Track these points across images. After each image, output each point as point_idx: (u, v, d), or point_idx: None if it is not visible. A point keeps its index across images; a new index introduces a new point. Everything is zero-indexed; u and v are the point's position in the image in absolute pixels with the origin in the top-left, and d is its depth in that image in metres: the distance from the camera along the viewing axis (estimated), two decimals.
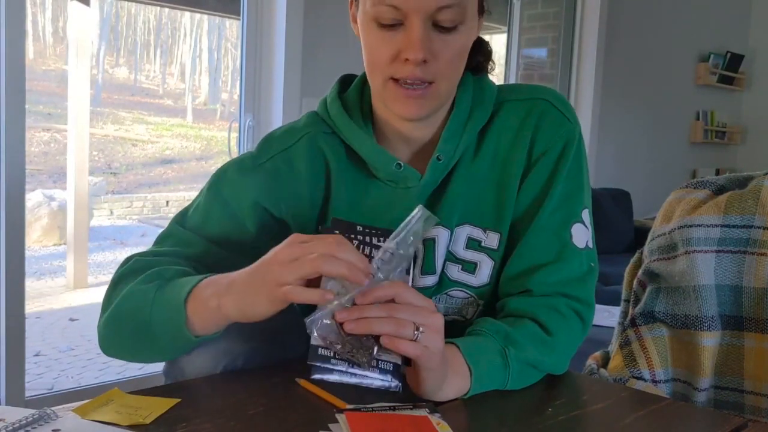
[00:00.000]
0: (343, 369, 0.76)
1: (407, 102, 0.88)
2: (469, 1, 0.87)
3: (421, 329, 0.73)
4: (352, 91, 1.01)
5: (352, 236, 0.79)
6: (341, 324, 0.73)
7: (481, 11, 0.93)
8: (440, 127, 0.97)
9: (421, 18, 0.84)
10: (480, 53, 0.99)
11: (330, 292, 0.73)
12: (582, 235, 0.95)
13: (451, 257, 0.96)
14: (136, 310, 0.83)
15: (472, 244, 0.96)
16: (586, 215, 0.96)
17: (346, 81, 1.03)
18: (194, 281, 0.81)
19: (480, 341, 0.85)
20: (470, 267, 0.96)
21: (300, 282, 0.73)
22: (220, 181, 0.96)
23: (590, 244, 0.96)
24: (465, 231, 0.96)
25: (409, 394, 0.78)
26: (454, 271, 0.96)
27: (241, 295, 0.76)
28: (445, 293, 0.97)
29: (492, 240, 0.96)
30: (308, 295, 0.73)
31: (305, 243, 0.74)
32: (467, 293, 0.97)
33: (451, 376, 0.79)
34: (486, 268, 0.96)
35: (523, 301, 0.92)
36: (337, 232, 0.78)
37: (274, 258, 0.75)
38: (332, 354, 0.76)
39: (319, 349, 0.76)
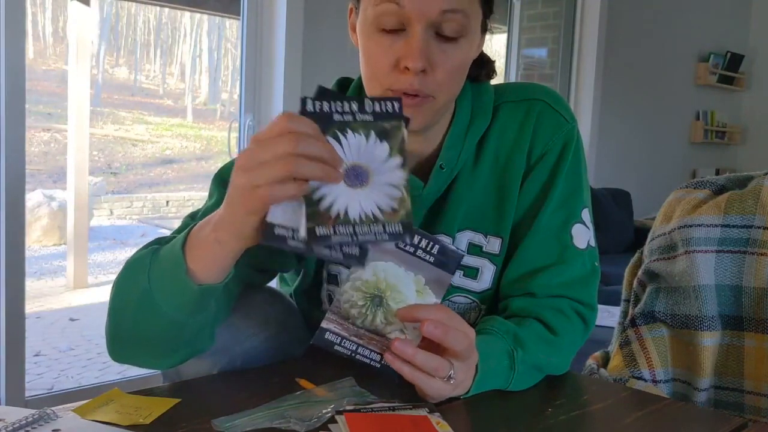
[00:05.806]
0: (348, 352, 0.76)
1: (405, 113, 0.83)
2: (473, 11, 0.85)
3: (454, 370, 0.74)
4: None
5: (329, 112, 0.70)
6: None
7: (484, 29, 0.92)
8: (441, 138, 0.95)
9: (423, 25, 0.82)
10: (483, 66, 0.98)
11: (305, 183, 0.67)
12: (583, 235, 0.95)
13: None
14: (136, 274, 0.77)
15: (474, 249, 0.96)
16: (586, 214, 0.96)
17: (343, 85, 1.01)
18: (187, 232, 0.76)
19: (490, 341, 0.84)
20: (472, 272, 0.96)
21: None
22: (224, 171, 0.92)
23: (592, 243, 0.96)
24: (466, 236, 0.96)
25: (408, 394, 0.78)
26: (456, 277, 0.95)
27: (228, 217, 0.71)
28: (448, 300, 0.96)
29: (493, 245, 0.96)
30: (286, 191, 0.66)
31: (264, 143, 0.67)
32: (470, 299, 0.97)
33: None
34: (488, 273, 0.96)
35: (527, 302, 0.92)
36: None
37: (238, 166, 0.68)
38: (339, 341, 0.76)
39: (327, 333, 0.75)
